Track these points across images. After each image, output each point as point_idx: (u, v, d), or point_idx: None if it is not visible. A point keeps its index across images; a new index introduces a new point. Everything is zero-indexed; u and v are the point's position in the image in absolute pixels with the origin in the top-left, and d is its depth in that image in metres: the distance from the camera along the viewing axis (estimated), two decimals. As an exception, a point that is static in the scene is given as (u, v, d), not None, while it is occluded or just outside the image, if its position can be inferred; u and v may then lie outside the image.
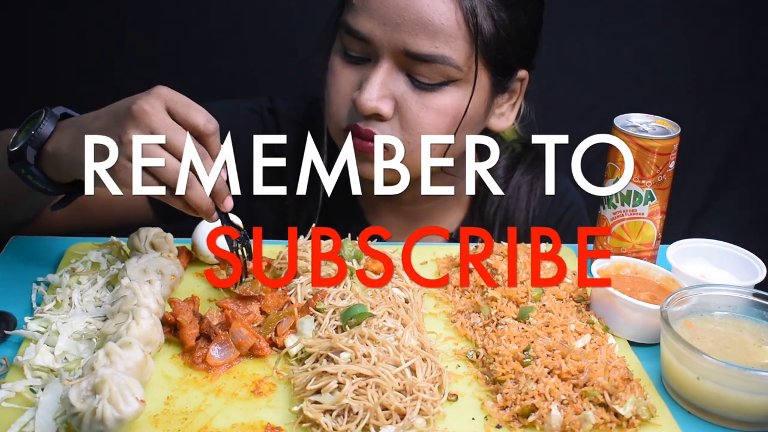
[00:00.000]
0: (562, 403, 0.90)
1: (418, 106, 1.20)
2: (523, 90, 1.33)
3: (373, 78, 1.18)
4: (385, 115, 1.20)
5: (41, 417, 0.86)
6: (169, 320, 1.00)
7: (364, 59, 1.22)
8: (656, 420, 0.92)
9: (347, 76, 1.23)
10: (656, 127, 1.16)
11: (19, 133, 1.06)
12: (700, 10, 1.95)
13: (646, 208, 1.16)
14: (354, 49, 1.22)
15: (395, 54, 1.18)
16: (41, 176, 1.05)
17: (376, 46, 1.18)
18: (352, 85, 1.23)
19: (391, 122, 1.21)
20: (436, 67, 1.18)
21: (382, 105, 1.19)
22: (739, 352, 0.97)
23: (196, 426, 0.87)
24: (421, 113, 1.20)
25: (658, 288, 1.10)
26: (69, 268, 1.12)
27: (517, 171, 1.44)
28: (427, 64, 1.17)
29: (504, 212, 1.42)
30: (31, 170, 1.04)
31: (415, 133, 1.21)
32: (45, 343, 0.96)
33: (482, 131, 1.33)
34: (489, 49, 1.20)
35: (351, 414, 0.86)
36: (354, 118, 1.22)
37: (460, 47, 1.17)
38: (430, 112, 1.20)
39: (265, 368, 0.97)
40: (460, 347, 1.04)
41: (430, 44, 1.16)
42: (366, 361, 0.91)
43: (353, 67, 1.23)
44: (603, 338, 1.02)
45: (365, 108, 1.18)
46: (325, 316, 1.01)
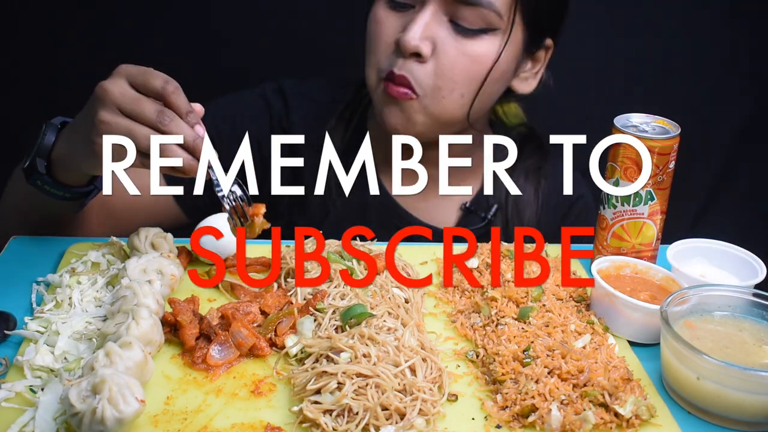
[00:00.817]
0: (562, 403, 0.90)
1: (456, 51, 1.24)
2: (547, 59, 1.38)
3: (419, 18, 1.23)
4: (425, 54, 1.23)
5: (41, 417, 0.86)
6: (169, 320, 1.00)
7: (409, 6, 1.26)
8: (656, 420, 0.92)
9: (392, 22, 1.27)
10: (656, 127, 1.16)
11: (29, 150, 1.12)
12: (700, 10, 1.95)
13: (646, 208, 1.16)
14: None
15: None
16: (56, 184, 1.12)
17: None
18: (395, 30, 1.27)
19: (426, 66, 1.25)
20: (479, 11, 1.22)
21: (423, 45, 1.23)
22: (739, 352, 0.97)
23: (196, 426, 0.87)
24: (458, 59, 1.25)
25: (658, 288, 1.10)
26: (69, 268, 1.12)
27: (529, 166, 1.46)
28: (471, 8, 1.22)
29: (516, 196, 1.44)
30: (46, 180, 1.11)
31: (447, 78, 1.25)
32: (45, 343, 0.96)
33: (504, 93, 1.38)
34: (528, 5, 1.26)
35: (351, 414, 0.86)
36: (392, 62, 1.26)
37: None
38: (466, 58, 1.25)
39: (265, 368, 0.97)
40: (460, 347, 1.04)
41: None
42: (366, 361, 0.91)
43: (398, 13, 1.27)
44: (603, 338, 1.02)
45: (408, 46, 1.22)
46: (325, 316, 1.01)
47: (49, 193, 1.13)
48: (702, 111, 2.02)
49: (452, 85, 1.26)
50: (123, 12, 1.85)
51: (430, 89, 1.26)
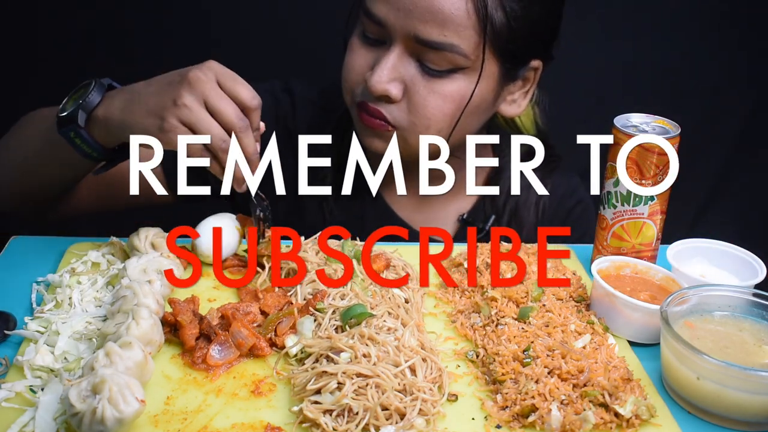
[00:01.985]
0: (562, 403, 0.90)
1: (426, 90, 1.23)
2: (536, 79, 1.35)
3: (384, 61, 1.22)
4: (394, 97, 1.23)
5: (41, 417, 0.86)
6: (169, 320, 0.99)
7: (380, 42, 1.25)
8: (656, 420, 0.92)
9: (363, 55, 1.27)
10: (656, 127, 1.16)
11: (68, 100, 1.12)
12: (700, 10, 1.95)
13: (646, 208, 1.16)
14: (371, 31, 1.25)
15: (407, 39, 1.21)
16: (90, 139, 1.11)
17: (389, 31, 1.22)
18: (367, 64, 1.26)
19: (399, 105, 1.25)
20: (444, 54, 1.20)
21: (391, 87, 1.22)
22: (739, 352, 0.97)
23: (196, 426, 0.87)
24: (429, 98, 1.23)
25: (658, 288, 1.10)
26: (69, 268, 1.12)
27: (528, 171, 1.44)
28: (436, 52, 1.20)
29: (514, 203, 1.44)
30: (81, 133, 1.10)
31: (421, 116, 1.24)
32: (45, 343, 0.96)
33: (493, 116, 1.36)
34: (499, 39, 1.22)
35: (351, 414, 0.86)
36: (365, 96, 1.26)
37: (468, 36, 1.20)
38: (437, 97, 1.23)
39: (265, 368, 0.97)
40: (460, 347, 1.04)
41: (439, 32, 1.18)
42: (366, 361, 0.91)
43: (369, 48, 1.26)
44: (603, 338, 1.02)
45: (375, 89, 1.22)
46: (325, 316, 1.01)
47: (79, 147, 1.11)
48: (702, 111, 2.02)
49: (426, 122, 1.25)
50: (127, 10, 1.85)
51: (406, 124, 1.25)
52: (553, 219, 1.45)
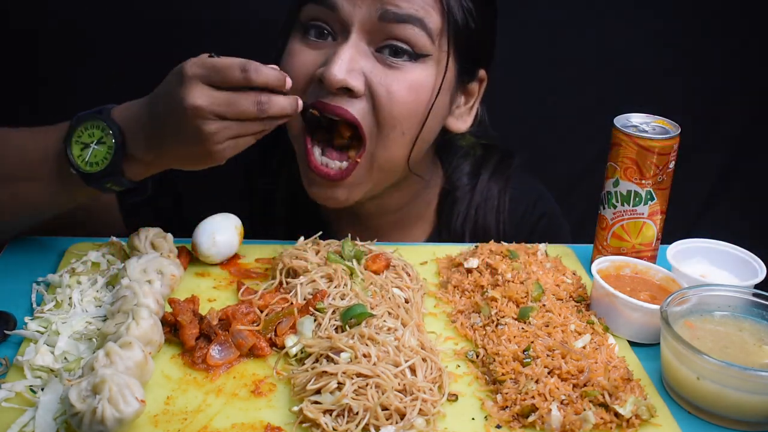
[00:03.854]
0: (562, 403, 0.90)
1: (389, 80, 1.16)
2: (481, 92, 1.31)
3: (342, 51, 1.14)
4: (355, 88, 1.14)
5: (41, 417, 0.86)
6: (169, 320, 0.99)
7: (326, 36, 1.18)
8: (656, 420, 0.92)
9: (307, 56, 1.19)
10: (656, 127, 1.16)
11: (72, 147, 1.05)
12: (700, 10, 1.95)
13: (646, 208, 1.16)
14: (319, 19, 1.17)
15: (367, 20, 1.14)
16: (128, 182, 1.07)
17: (345, 14, 1.15)
18: (314, 63, 1.18)
19: (361, 100, 1.16)
20: (411, 30, 1.15)
21: (352, 78, 1.14)
22: (739, 352, 0.97)
23: (196, 426, 0.87)
24: (393, 87, 1.16)
25: (658, 288, 1.10)
26: (69, 268, 1.12)
27: (483, 176, 1.40)
28: (402, 26, 1.14)
29: (473, 224, 1.39)
30: (120, 181, 1.06)
31: (386, 111, 1.16)
32: (45, 343, 0.96)
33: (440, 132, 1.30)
34: (458, 33, 1.19)
35: (351, 414, 0.86)
36: (318, 94, 1.16)
37: (434, 19, 1.16)
38: (402, 87, 1.16)
39: (265, 368, 0.97)
40: (460, 347, 1.04)
41: (408, 5, 1.14)
42: (366, 361, 0.91)
43: (314, 46, 1.19)
44: (603, 338, 1.02)
45: (334, 81, 1.12)
46: (325, 316, 1.01)
47: (109, 190, 1.08)
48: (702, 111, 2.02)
49: (393, 122, 1.17)
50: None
51: (371, 123, 1.17)
52: (517, 235, 1.36)
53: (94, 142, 1.05)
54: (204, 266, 1.18)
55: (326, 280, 1.09)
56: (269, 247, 1.24)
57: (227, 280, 1.16)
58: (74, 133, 1.06)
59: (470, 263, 1.17)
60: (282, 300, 1.07)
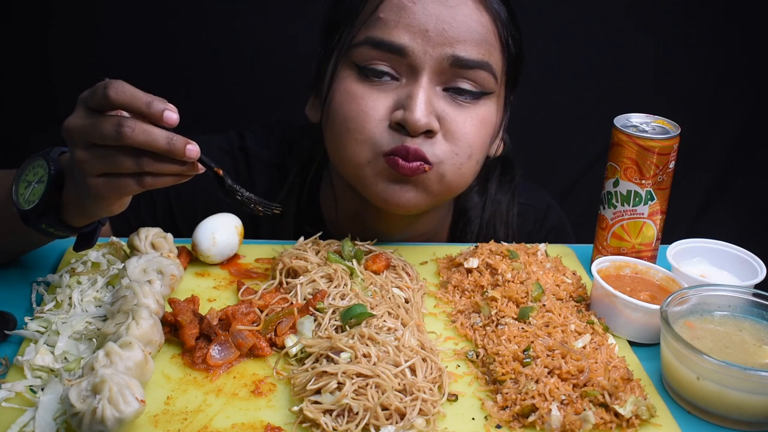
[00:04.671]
0: (562, 403, 0.90)
1: (462, 118, 1.17)
2: (507, 115, 1.31)
3: (419, 93, 1.14)
4: (436, 129, 1.15)
5: (41, 417, 0.85)
6: (169, 320, 0.99)
7: (390, 78, 1.16)
8: (656, 420, 0.92)
9: (376, 97, 1.16)
10: (656, 127, 1.16)
11: (18, 185, 1.01)
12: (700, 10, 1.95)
13: (646, 208, 1.16)
14: (380, 68, 1.16)
15: (437, 65, 1.14)
16: (62, 225, 1.01)
17: (415, 59, 1.14)
18: (386, 107, 1.16)
19: (436, 139, 1.16)
20: (480, 74, 1.17)
21: (433, 120, 1.15)
22: (739, 352, 0.97)
23: (196, 426, 0.87)
24: (466, 124, 1.18)
25: (658, 288, 1.10)
26: (69, 268, 1.12)
27: (490, 189, 1.41)
28: (472, 71, 1.16)
29: (484, 239, 1.36)
30: (53, 223, 1.01)
31: (463, 144, 1.18)
32: (45, 343, 0.96)
33: None
34: (511, 65, 1.23)
35: (351, 414, 0.86)
36: (395, 140, 1.15)
37: (498, 58, 1.19)
38: (474, 122, 1.18)
39: (265, 368, 0.97)
40: (460, 347, 1.04)
41: (476, 51, 1.15)
42: (366, 361, 0.91)
43: (378, 87, 1.17)
44: (603, 338, 1.02)
45: (419, 125, 1.13)
46: (325, 316, 1.01)
47: (52, 235, 1.03)
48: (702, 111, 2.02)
49: (468, 150, 1.18)
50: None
51: (446, 156, 1.17)
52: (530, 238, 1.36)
53: (36, 180, 1.00)
54: (204, 266, 1.18)
55: (326, 280, 1.09)
56: (269, 247, 1.24)
57: (227, 280, 1.16)
58: (23, 171, 1.02)
59: (470, 263, 1.17)
60: (282, 300, 1.07)
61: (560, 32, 1.89)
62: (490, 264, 1.15)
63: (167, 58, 1.86)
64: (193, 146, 0.90)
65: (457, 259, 1.20)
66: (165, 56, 1.86)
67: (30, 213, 0.99)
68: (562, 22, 1.88)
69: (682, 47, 1.98)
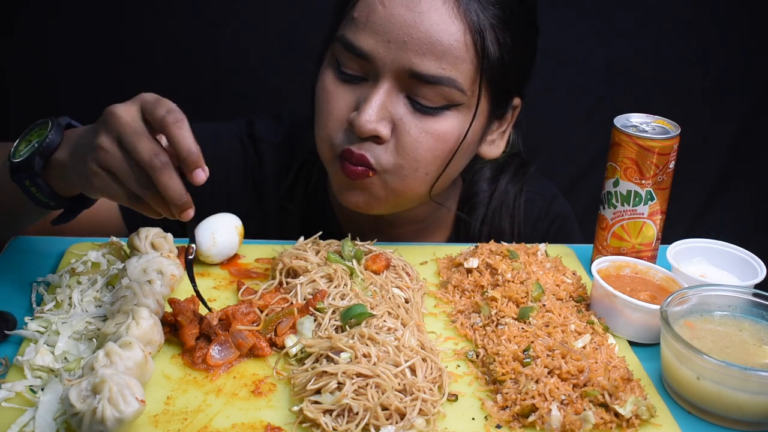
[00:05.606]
0: (562, 403, 0.90)
1: (417, 130, 1.14)
2: (514, 118, 1.29)
3: (373, 98, 1.12)
4: (384, 137, 1.14)
5: (41, 417, 0.86)
6: (169, 320, 0.99)
7: (361, 78, 1.16)
8: (656, 420, 0.92)
9: (342, 96, 1.17)
10: (656, 127, 1.16)
11: (20, 142, 1.03)
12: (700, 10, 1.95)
13: (646, 208, 1.16)
14: (351, 67, 1.16)
15: (398, 74, 1.12)
16: (47, 188, 1.01)
17: (377, 65, 1.13)
18: (347, 106, 1.16)
19: (387, 146, 1.15)
20: (440, 89, 1.12)
21: (381, 127, 1.13)
22: (739, 352, 0.97)
23: (196, 426, 0.87)
24: (420, 137, 1.15)
25: (658, 288, 1.10)
26: (69, 268, 1.12)
27: (501, 181, 1.41)
28: (431, 86, 1.12)
29: (489, 228, 1.39)
30: (37, 182, 1.00)
31: (410, 158, 1.16)
32: (45, 343, 0.96)
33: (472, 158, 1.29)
34: (492, 73, 1.16)
35: (351, 414, 0.86)
36: (348, 141, 1.16)
37: (465, 70, 1.13)
38: (430, 137, 1.15)
39: (265, 368, 0.97)
40: (460, 347, 1.04)
41: (437, 65, 1.11)
42: (366, 361, 0.91)
43: (348, 86, 1.17)
44: (603, 338, 1.02)
45: (364, 130, 1.12)
46: (325, 316, 1.01)
47: (32, 195, 1.02)
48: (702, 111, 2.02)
49: (415, 164, 1.16)
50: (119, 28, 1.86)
51: (391, 166, 1.16)
52: (532, 236, 1.39)
53: (36, 141, 1.01)
54: (204, 266, 1.18)
55: (326, 280, 1.09)
56: (269, 247, 1.24)
57: (227, 280, 1.16)
58: (29, 131, 1.03)
59: (470, 263, 1.17)
60: (282, 300, 1.07)
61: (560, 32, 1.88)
62: (490, 264, 1.15)
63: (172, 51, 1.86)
64: (192, 210, 0.93)
65: (457, 259, 1.20)
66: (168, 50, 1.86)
67: (16, 164, 1.00)
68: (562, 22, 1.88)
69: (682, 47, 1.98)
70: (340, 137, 1.17)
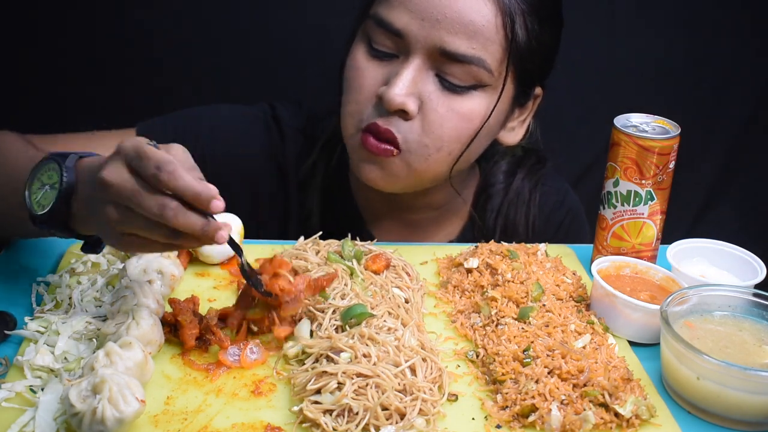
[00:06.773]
0: (562, 403, 0.90)
1: (444, 108, 1.18)
2: (535, 107, 1.32)
3: (404, 73, 1.16)
4: (411, 112, 1.17)
5: (41, 417, 0.86)
6: (169, 320, 0.99)
7: (392, 55, 1.19)
8: (656, 420, 0.92)
9: (372, 72, 1.20)
10: (656, 127, 1.16)
11: (33, 186, 0.97)
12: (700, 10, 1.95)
13: (646, 208, 1.16)
14: (383, 44, 1.19)
15: (429, 51, 1.15)
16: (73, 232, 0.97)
17: (409, 42, 1.16)
18: (377, 81, 1.19)
19: (413, 123, 1.18)
20: (469, 68, 1.16)
21: (410, 102, 1.16)
22: (739, 352, 0.97)
23: (196, 426, 0.87)
24: (447, 115, 1.18)
25: (658, 288, 1.10)
26: (69, 268, 1.12)
27: (518, 175, 1.43)
28: (461, 65, 1.16)
29: (504, 219, 1.41)
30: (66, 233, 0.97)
31: (435, 136, 1.19)
32: (45, 343, 0.96)
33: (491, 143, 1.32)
34: (519, 57, 1.20)
35: (351, 414, 0.86)
36: (375, 115, 1.19)
37: (495, 51, 1.17)
38: (456, 116, 1.18)
39: (265, 368, 0.97)
40: (460, 347, 1.04)
41: (467, 44, 1.14)
42: (366, 361, 0.91)
43: (379, 62, 1.20)
44: (603, 338, 1.02)
45: (393, 103, 1.15)
46: (325, 316, 1.01)
47: (56, 235, 0.98)
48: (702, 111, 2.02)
49: (440, 143, 1.19)
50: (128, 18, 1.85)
51: (416, 145, 1.19)
52: (544, 233, 1.42)
53: (49, 184, 0.96)
54: (204, 266, 1.18)
55: (326, 280, 1.09)
56: (269, 247, 1.24)
57: (227, 280, 1.16)
58: (39, 170, 0.98)
59: (470, 263, 1.17)
60: None
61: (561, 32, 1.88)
62: (490, 264, 1.15)
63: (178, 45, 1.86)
64: (224, 231, 0.88)
65: (457, 259, 1.20)
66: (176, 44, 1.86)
67: (39, 217, 0.96)
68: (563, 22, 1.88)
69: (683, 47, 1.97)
70: (368, 111, 1.20)
